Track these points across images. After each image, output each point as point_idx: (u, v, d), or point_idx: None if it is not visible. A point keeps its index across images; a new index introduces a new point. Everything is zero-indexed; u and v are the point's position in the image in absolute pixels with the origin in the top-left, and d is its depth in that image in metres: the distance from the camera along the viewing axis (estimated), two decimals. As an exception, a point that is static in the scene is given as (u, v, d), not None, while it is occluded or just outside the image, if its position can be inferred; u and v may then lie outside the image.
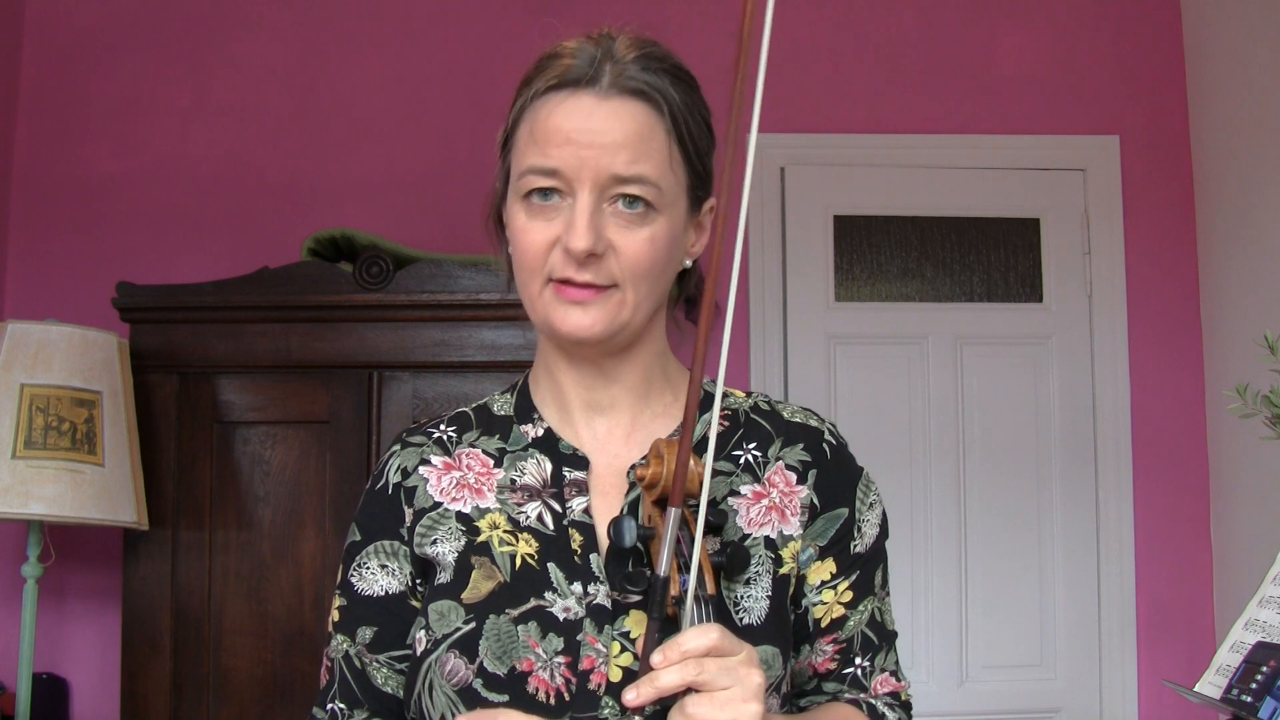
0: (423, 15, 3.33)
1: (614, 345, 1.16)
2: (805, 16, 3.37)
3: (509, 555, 1.13)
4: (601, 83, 1.11)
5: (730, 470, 1.18)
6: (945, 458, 3.28)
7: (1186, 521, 3.26)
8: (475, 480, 1.19)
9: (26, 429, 2.42)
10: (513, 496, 1.17)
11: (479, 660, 1.09)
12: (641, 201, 1.10)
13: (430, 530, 1.17)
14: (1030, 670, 3.24)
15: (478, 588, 1.12)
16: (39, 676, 2.82)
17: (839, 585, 1.18)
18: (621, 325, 1.13)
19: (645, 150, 1.11)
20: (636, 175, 1.10)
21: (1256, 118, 3.04)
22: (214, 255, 3.11)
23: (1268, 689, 1.56)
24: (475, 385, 2.64)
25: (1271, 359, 1.84)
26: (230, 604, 2.62)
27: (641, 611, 1.08)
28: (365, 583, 1.19)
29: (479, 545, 1.14)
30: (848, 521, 1.19)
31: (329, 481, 2.64)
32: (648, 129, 1.12)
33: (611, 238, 1.10)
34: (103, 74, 3.25)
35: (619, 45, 1.14)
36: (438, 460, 1.20)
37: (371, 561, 1.19)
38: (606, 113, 1.11)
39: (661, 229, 1.12)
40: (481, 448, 1.21)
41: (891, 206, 3.35)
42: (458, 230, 2.94)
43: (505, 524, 1.15)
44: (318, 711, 1.20)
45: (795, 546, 1.16)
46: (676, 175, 1.14)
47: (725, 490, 1.17)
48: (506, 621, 1.09)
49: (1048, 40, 3.40)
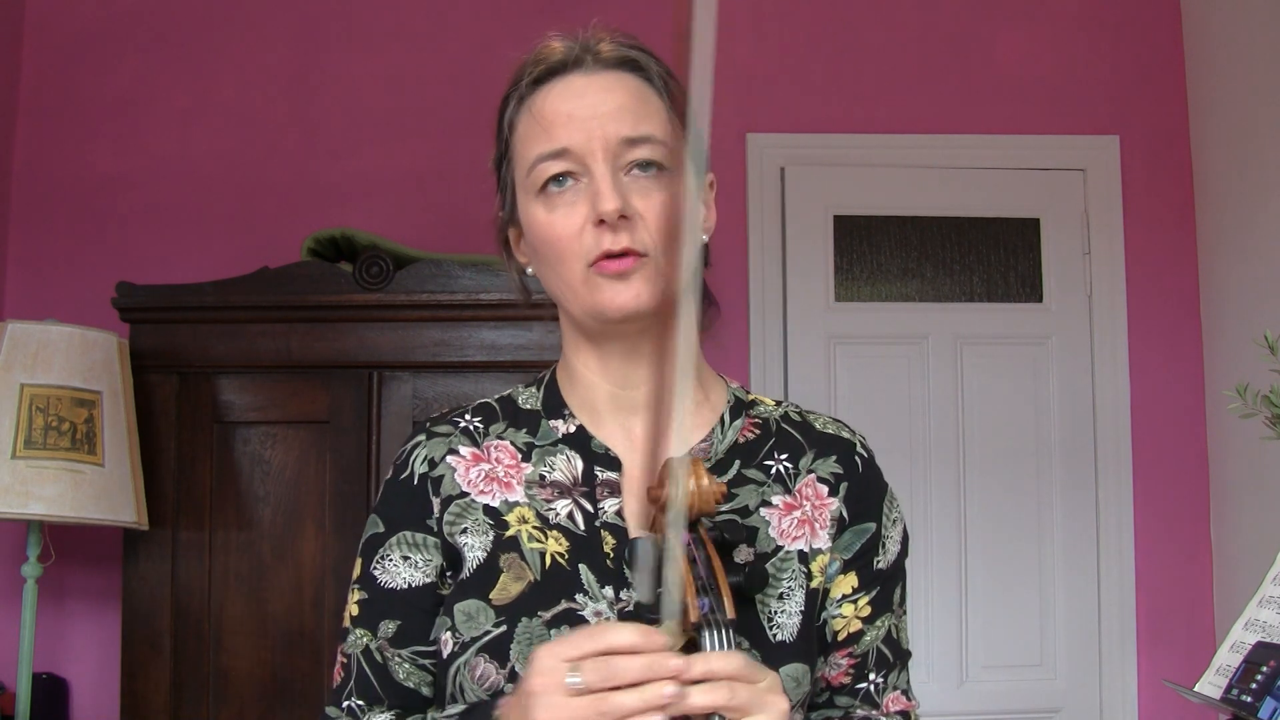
0: (423, 15, 3.33)
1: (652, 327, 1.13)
2: (805, 16, 3.37)
3: (539, 553, 1.11)
4: (586, 62, 1.14)
5: (762, 480, 1.17)
6: (945, 458, 3.28)
7: (1186, 521, 3.26)
8: (504, 474, 1.16)
9: (26, 429, 2.42)
10: (541, 492, 1.15)
11: (510, 664, 1.07)
12: (654, 165, 1.11)
13: (459, 519, 1.14)
14: (1030, 670, 3.24)
15: (507, 589, 1.10)
16: (39, 676, 2.82)
17: (859, 600, 1.17)
18: (662, 294, 1.10)
19: (645, 111, 1.12)
20: (644, 135, 1.11)
21: (1256, 118, 3.04)
22: (214, 255, 3.11)
23: (1268, 689, 1.56)
24: (475, 385, 2.64)
25: (1271, 359, 1.83)
26: (230, 604, 2.62)
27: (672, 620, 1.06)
28: (388, 575, 1.16)
29: (507, 540, 1.12)
30: (874, 536, 1.18)
31: (329, 481, 2.64)
32: (644, 94, 1.14)
33: (636, 204, 1.10)
34: (103, 74, 3.25)
35: (593, 35, 1.16)
36: (466, 451, 1.18)
37: (394, 553, 1.16)
38: (599, 85, 1.12)
39: (680, 189, 1.11)
40: (510, 440, 1.18)
41: (891, 206, 3.35)
42: (458, 230, 2.94)
43: (534, 520, 1.13)
44: (331, 710, 1.17)
45: (824, 560, 1.15)
46: (678, 136, 1.14)
47: (757, 500, 1.15)
48: (539, 625, 1.08)
49: (1048, 40, 3.40)
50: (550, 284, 1.16)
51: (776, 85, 3.35)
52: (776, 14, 3.37)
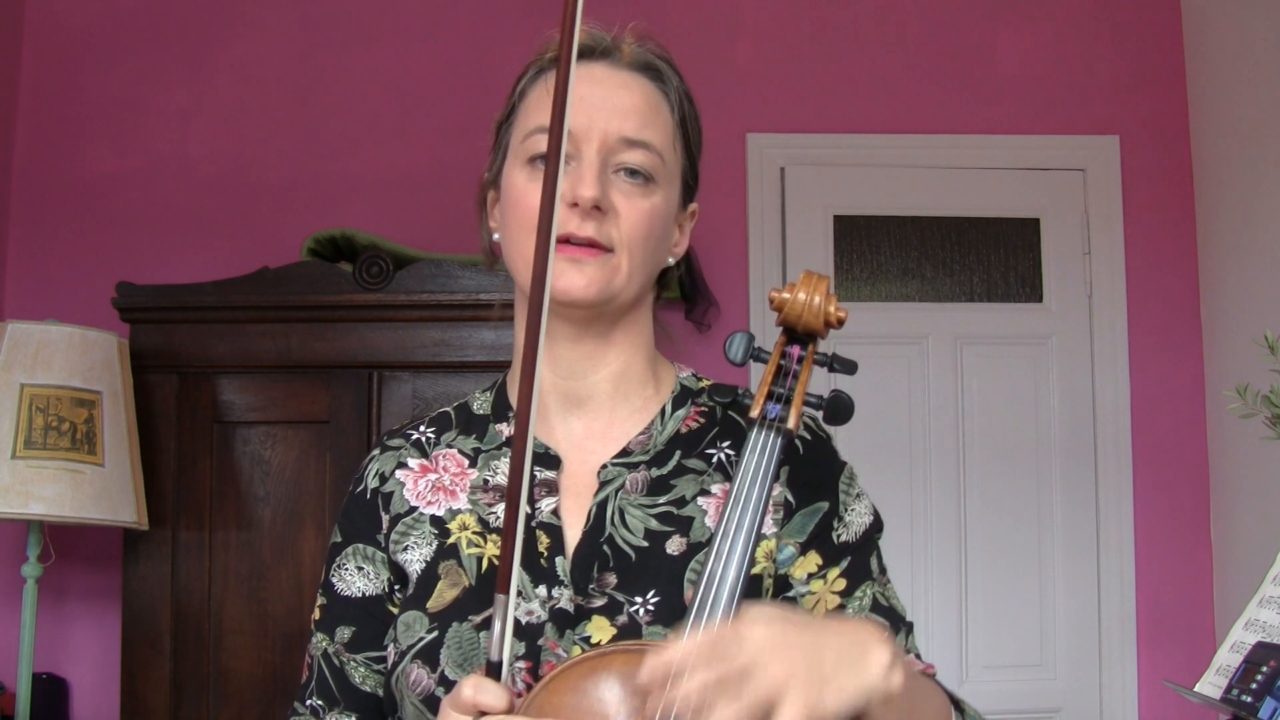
0: (423, 15, 3.33)
1: (600, 319, 1.14)
2: (805, 16, 3.37)
3: (476, 557, 1.13)
4: (615, 55, 1.16)
5: (703, 469, 1.16)
6: (945, 458, 3.28)
7: (1186, 521, 3.25)
8: (450, 481, 1.18)
9: (26, 429, 2.42)
10: (484, 497, 1.16)
11: (440, 669, 1.08)
12: (643, 175, 1.12)
13: (403, 537, 1.16)
14: (1030, 670, 3.24)
15: (442, 596, 1.11)
16: (39, 676, 2.82)
17: (828, 574, 1.14)
18: (614, 293, 1.12)
19: (653, 120, 1.14)
20: (644, 140, 1.12)
21: (1256, 118, 3.04)
22: (214, 255, 3.10)
23: (1268, 689, 1.56)
24: (475, 385, 2.59)
25: (1271, 359, 1.83)
26: (230, 604, 2.62)
27: (604, 617, 1.07)
28: (344, 583, 1.19)
29: (448, 548, 1.14)
30: (828, 514, 1.15)
31: (329, 481, 2.64)
32: (656, 103, 1.15)
33: (614, 201, 1.11)
34: (102, 74, 3.25)
35: (625, 34, 1.18)
36: (414, 463, 1.20)
37: (349, 563, 1.19)
38: (619, 81, 1.14)
39: (661, 203, 1.14)
40: (458, 448, 1.20)
41: (891, 206, 3.35)
42: (458, 230, 2.92)
43: (475, 525, 1.14)
44: (298, 706, 1.20)
45: (769, 545, 1.13)
46: (677, 156, 1.16)
47: (695, 489, 1.15)
48: (469, 628, 1.08)
49: (1048, 40, 3.40)
50: (509, 254, 1.17)
51: (776, 85, 3.35)
52: (776, 14, 3.37)
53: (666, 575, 1.09)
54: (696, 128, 1.20)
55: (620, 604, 1.08)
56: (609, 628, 1.07)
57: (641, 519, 1.12)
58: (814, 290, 1.04)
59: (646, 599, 1.08)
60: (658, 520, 1.13)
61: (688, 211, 1.21)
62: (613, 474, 1.15)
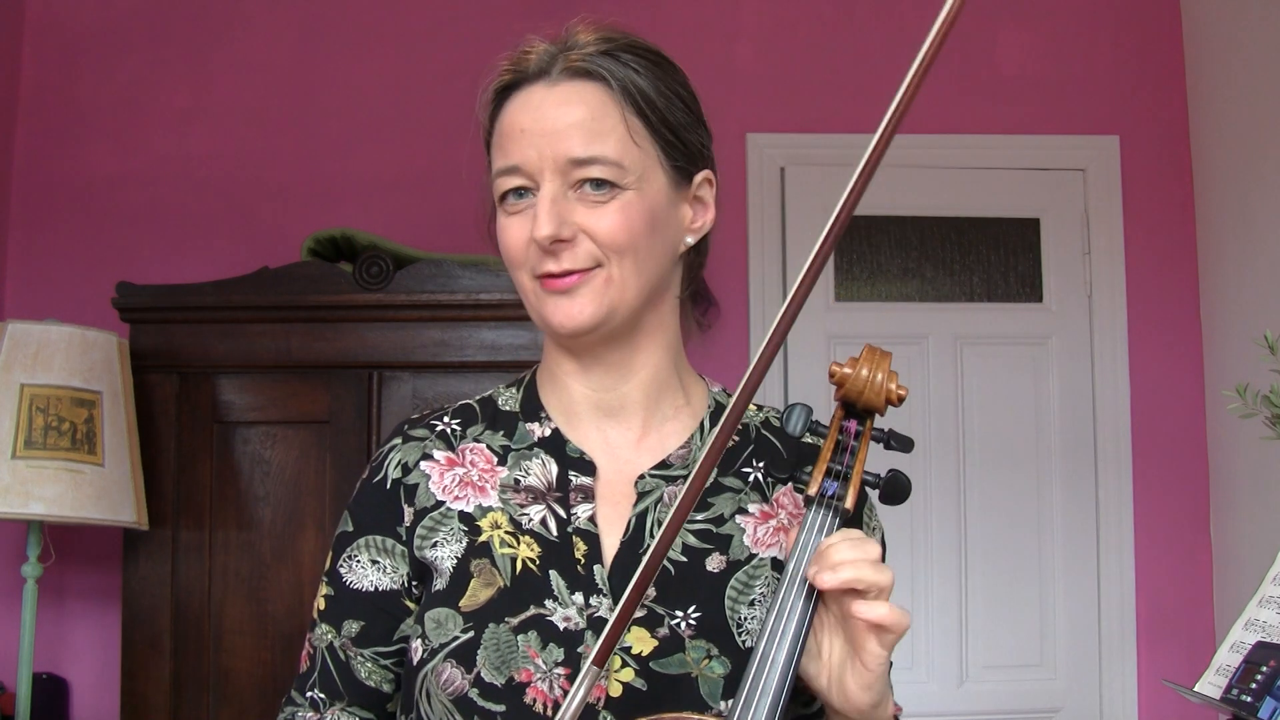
0: (422, 16, 3.33)
1: (614, 332, 1.13)
2: (805, 16, 3.37)
3: (509, 558, 1.11)
4: (551, 72, 1.13)
5: (739, 487, 1.16)
6: (945, 458, 3.28)
7: (1186, 521, 3.26)
8: (479, 477, 1.16)
9: (26, 429, 2.42)
10: (516, 497, 1.14)
11: (476, 670, 1.07)
12: (607, 184, 1.10)
13: (431, 532, 1.14)
14: (1030, 670, 3.24)
15: (476, 595, 1.10)
16: (39, 676, 2.82)
17: None
18: (612, 306, 1.11)
19: (599, 129, 1.10)
20: (593, 156, 1.09)
21: (1256, 118, 3.04)
22: (214, 255, 3.11)
23: (1268, 689, 1.56)
24: (475, 385, 2.62)
25: (1271, 359, 1.83)
26: (230, 604, 2.62)
27: (644, 629, 1.07)
28: (354, 575, 1.16)
29: (479, 546, 1.12)
30: None
31: (329, 481, 2.64)
32: (599, 107, 1.11)
33: (580, 221, 1.09)
34: (103, 74, 3.25)
35: (579, 35, 1.15)
36: (440, 455, 1.17)
37: (362, 555, 1.17)
38: (556, 99, 1.11)
39: (633, 202, 1.10)
40: (486, 443, 1.18)
41: (891, 206, 3.35)
42: (458, 230, 2.91)
43: (507, 524, 1.13)
44: (296, 695, 1.17)
45: None
46: (643, 148, 1.12)
47: (733, 508, 1.15)
48: (506, 630, 1.08)
49: (1048, 40, 3.40)
50: (515, 286, 1.17)
51: (776, 85, 3.35)
52: (776, 14, 3.37)
53: (707, 591, 1.10)
54: (672, 104, 1.14)
55: (660, 616, 1.08)
56: (649, 639, 1.07)
57: (680, 534, 1.11)
58: (876, 367, 1.05)
59: (688, 613, 1.08)
60: (696, 537, 1.13)
61: (694, 183, 1.17)
62: (650, 485, 1.14)
